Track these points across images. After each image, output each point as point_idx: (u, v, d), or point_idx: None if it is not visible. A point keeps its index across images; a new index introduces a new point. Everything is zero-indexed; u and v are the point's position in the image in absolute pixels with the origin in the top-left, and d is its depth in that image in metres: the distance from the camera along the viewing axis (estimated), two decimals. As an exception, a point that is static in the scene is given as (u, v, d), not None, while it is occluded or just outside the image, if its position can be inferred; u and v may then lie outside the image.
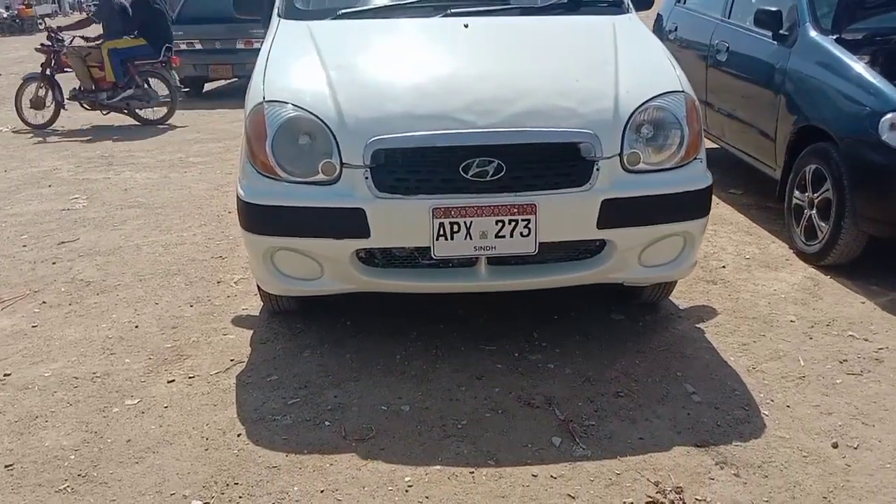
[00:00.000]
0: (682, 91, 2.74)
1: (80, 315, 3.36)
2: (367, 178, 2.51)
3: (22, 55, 17.93)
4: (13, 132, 8.48)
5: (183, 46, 10.43)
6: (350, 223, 2.53)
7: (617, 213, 2.60)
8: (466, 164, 2.51)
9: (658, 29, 6.24)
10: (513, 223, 2.54)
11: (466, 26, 3.05)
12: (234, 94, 10.70)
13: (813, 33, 4.00)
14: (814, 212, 3.83)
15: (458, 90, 2.65)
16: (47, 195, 5.59)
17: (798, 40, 4.09)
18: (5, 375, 2.82)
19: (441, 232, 2.53)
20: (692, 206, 2.71)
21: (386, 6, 3.30)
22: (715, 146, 5.19)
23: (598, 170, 2.56)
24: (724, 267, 3.83)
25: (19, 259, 4.12)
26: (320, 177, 2.55)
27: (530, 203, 2.53)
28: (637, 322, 3.18)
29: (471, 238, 2.54)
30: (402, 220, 2.55)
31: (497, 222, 2.54)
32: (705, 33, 5.31)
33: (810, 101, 3.92)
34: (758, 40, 4.48)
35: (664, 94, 2.70)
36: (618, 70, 2.78)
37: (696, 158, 2.72)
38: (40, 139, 7.88)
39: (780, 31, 4.23)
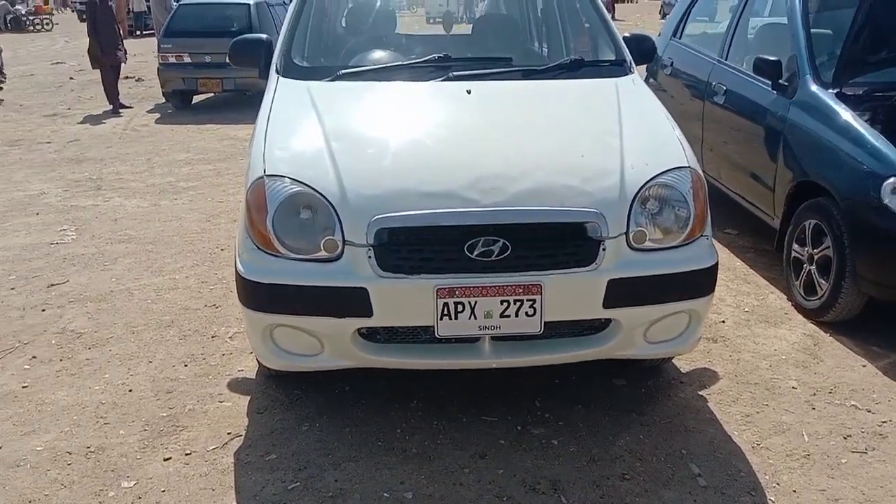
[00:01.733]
0: (688, 167, 2.71)
1: (71, 374, 3.29)
2: (370, 256, 2.46)
3: None
4: (8, 144, 8.38)
5: (172, 60, 10.36)
6: (352, 302, 2.48)
7: (623, 292, 2.56)
8: (471, 243, 2.47)
9: (654, 61, 6.22)
10: (518, 303, 2.50)
11: (469, 92, 3.01)
12: (223, 108, 10.64)
13: (813, 87, 3.98)
14: (813, 268, 3.82)
15: (463, 166, 2.60)
16: (35, 225, 5.50)
17: (798, 92, 4.07)
18: (-4, 449, 2.75)
19: (445, 312, 2.48)
20: (699, 284, 2.68)
21: (385, 67, 3.25)
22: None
23: (604, 249, 2.52)
24: (724, 322, 3.81)
25: (8, 304, 4.04)
26: (322, 254, 2.50)
27: (536, 283, 2.49)
28: (639, 388, 3.15)
29: (475, 318, 2.50)
30: (405, 300, 2.50)
31: (502, 302, 2.50)
32: (702, 71, 5.29)
33: (810, 156, 3.91)
34: (757, 87, 4.46)
35: (670, 170, 2.67)
36: (622, 143, 2.75)
37: (702, 235, 2.69)
38: (26, 156, 7.75)
39: (780, 81, 4.21)
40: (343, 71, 3.18)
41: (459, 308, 2.48)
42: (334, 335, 2.56)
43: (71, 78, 14.37)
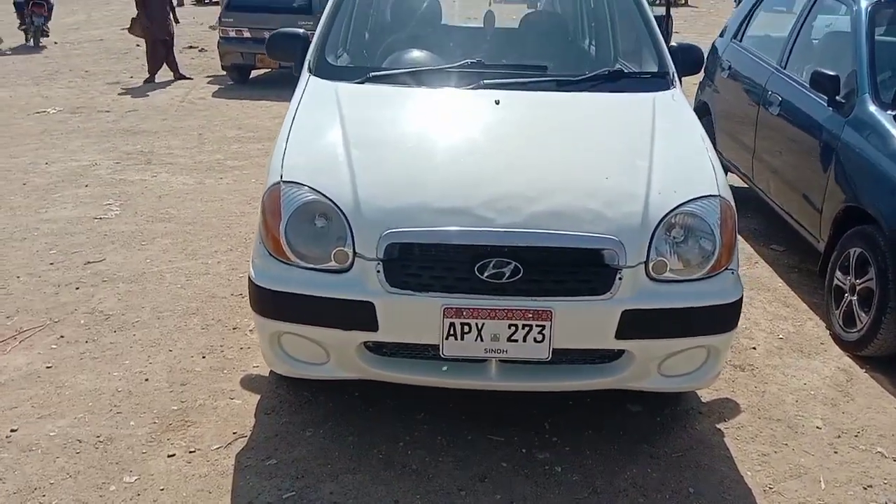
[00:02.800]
0: (718, 196, 2.58)
1: (94, 357, 3.36)
2: (378, 271, 2.43)
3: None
4: (70, 111, 8.61)
5: (232, 34, 10.46)
6: (359, 316, 2.46)
7: (638, 324, 2.48)
8: (482, 264, 2.41)
9: (713, 60, 6.00)
10: (526, 328, 2.44)
11: (498, 103, 2.93)
12: (280, 85, 10.68)
13: (872, 108, 3.77)
14: (855, 298, 3.64)
15: (481, 183, 2.54)
16: (83, 198, 5.64)
17: (855, 111, 3.86)
18: (12, 431, 2.82)
19: (451, 332, 2.44)
20: (719, 320, 2.58)
21: (415, 71, 3.18)
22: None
23: (620, 279, 2.44)
24: (754, 349, 3.67)
25: (45, 280, 4.15)
26: (332, 264, 2.48)
27: (546, 309, 2.42)
28: (655, 416, 3.06)
29: (482, 340, 2.45)
30: (411, 318, 2.47)
31: (510, 326, 2.44)
32: (760, 77, 5.07)
33: (860, 180, 3.71)
34: (813, 102, 4.25)
35: (698, 198, 2.56)
36: (651, 166, 2.64)
37: (726, 269, 2.57)
38: (85, 124, 7.95)
39: (837, 98, 4.00)
40: (373, 73, 3.13)
41: (466, 329, 2.44)
42: (340, 346, 2.55)
43: (137, 45, 14.56)
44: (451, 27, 4.39)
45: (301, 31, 3.50)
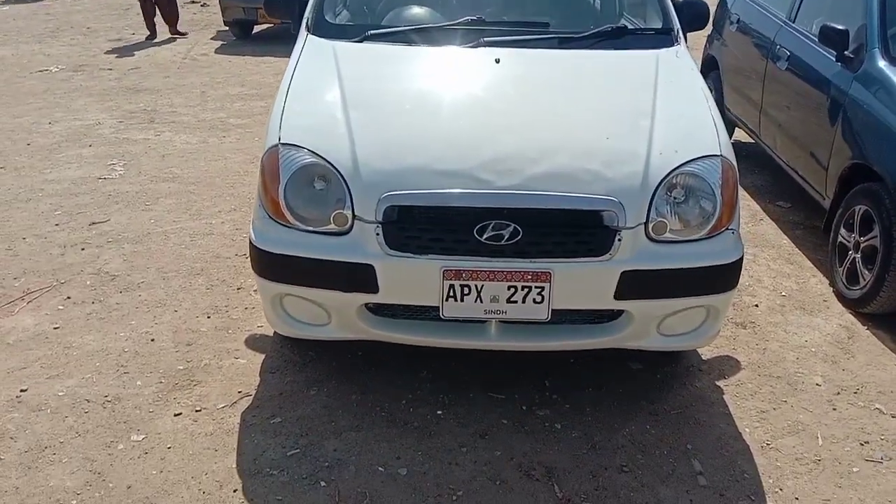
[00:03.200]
0: (720, 155, 2.56)
1: (101, 318, 3.40)
2: (377, 234, 2.43)
3: None
4: (72, 69, 8.56)
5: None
6: (359, 278, 2.47)
7: (636, 284, 2.48)
8: (481, 226, 2.41)
9: (722, 14, 5.90)
10: (526, 290, 2.46)
11: (498, 61, 2.90)
12: (283, 40, 10.52)
13: (881, 63, 3.70)
14: (858, 256, 3.64)
15: (480, 144, 2.52)
16: (87, 157, 5.64)
17: (864, 67, 3.80)
18: (22, 391, 2.88)
19: (451, 293, 2.46)
20: (719, 280, 2.58)
21: (416, 28, 3.14)
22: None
23: (619, 240, 2.44)
24: (756, 306, 3.68)
25: (51, 241, 4.18)
26: (332, 227, 2.48)
27: (545, 270, 2.43)
28: (655, 374, 3.09)
29: (481, 301, 2.47)
30: (411, 280, 2.48)
31: (509, 287, 2.45)
32: (769, 30, 4.98)
33: (867, 137, 3.67)
34: (821, 56, 4.18)
35: (699, 158, 2.54)
36: (653, 125, 2.62)
37: (727, 229, 2.57)
38: (88, 83, 7.90)
39: (846, 53, 3.93)
40: (371, 31, 3.09)
41: (465, 291, 2.45)
42: (341, 308, 2.57)
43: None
44: None
45: (300, -13, 3.44)
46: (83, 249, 4.09)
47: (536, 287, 2.45)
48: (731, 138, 5.80)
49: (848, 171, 3.79)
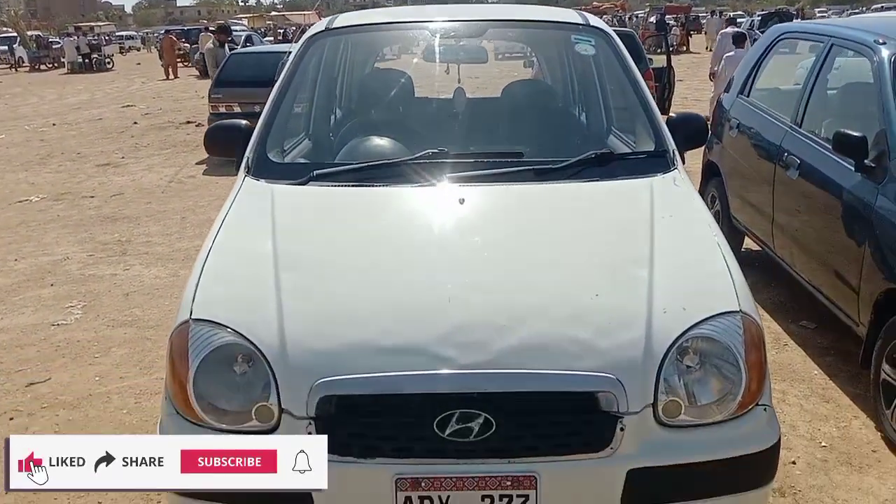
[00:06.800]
0: (739, 311, 2.05)
1: (11, 514, 2.85)
2: (310, 433, 1.91)
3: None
4: (53, 199, 8.31)
5: (222, 109, 10.21)
6: (285, 495, 1.93)
7: (649, 486, 1.94)
8: (443, 417, 1.89)
9: (720, 117, 5.54)
10: (505, 499, 1.91)
11: (462, 202, 2.44)
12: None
13: (908, 173, 3.25)
14: (910, 398, 3.07)
15: (438, 311, 2.02)
16: (45, 299, 5.22)
17: (889, 177, 3.34)
18: None
19: (408, 509, 1.91)
20: (753, 472, 2.03)
21: (368, 166, 2.70)
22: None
23: (622, 429, 1.90)
24: (794, 463, 3.09)
25: (-23, 410, 3.67)
26: (253, 423, 1.97)
27: (529, 474, 1.90)
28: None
29: (449, 518, 1.91)
30: (356, 492, 1.95)
31: (484, 497, 1.91)
32: (775, 135, 4.57)
33: (905, 259, 3.17)
34: (838, 166, 3.74)
35: (715, 316, 2.02)
36: (653, 276, 2.12)
37: (758, 405, 2.03)
38: (66, 212, 7.59)
39: (866, 162, 3.48)
40: (317, 171, 2.65)
41: (427, 504, 1.90)
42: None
43: (135, 122, 14.57)
44: (424, 100, 3.96)
45: (243, 122, 3.04)
46: (11, 419, 3.57)
47: (519, 496, 1.91)
48: (740, 247, 5.34)
49: (884, 296, 3.27)
